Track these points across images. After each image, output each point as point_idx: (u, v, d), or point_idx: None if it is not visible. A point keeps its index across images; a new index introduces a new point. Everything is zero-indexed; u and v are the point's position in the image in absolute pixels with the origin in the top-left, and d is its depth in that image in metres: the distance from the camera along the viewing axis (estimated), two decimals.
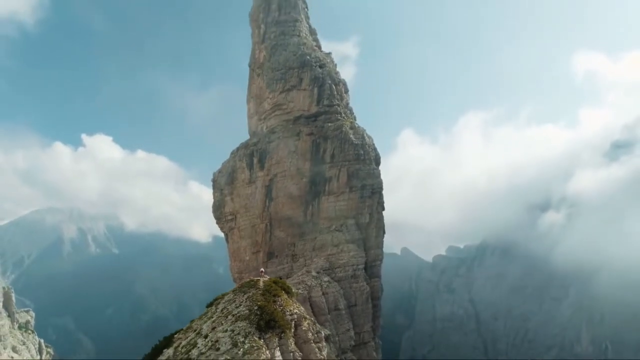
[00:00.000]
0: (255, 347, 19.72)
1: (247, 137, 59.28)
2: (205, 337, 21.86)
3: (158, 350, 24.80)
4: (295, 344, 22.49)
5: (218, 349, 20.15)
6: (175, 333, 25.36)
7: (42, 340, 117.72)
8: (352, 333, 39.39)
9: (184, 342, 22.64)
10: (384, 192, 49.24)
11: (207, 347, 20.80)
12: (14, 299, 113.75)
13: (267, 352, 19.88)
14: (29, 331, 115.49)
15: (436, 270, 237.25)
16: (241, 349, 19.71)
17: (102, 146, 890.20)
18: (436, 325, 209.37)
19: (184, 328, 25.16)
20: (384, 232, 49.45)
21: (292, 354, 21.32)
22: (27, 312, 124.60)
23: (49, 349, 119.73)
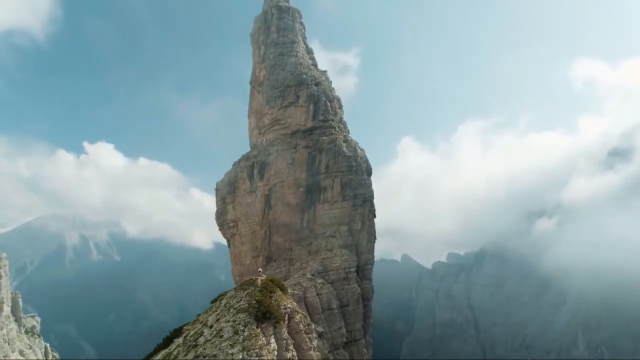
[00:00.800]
0: (253, 335, 23.23)
1: (247, 145, 63.67)
2: (211, 327, 25.41)
3: (169, 340, 28.40)
4: (288, 333, 25.94)
5: (222, 336, 23.71)
6: (184, 325, 28.93)
7: (47, 345, 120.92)
8: (343, 331, 42.78)
9: (192, 332, 26.19)
10: (384, 199, 53.13)
11: (212, 335, 24.38)
12: (20, 304, 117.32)
13: (264, 338, 23.42)
14: (35, 335, 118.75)
15: (436, 277, 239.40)
16: (241, 336, 23.24)
17: (104, 154, 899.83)
18: (436, 331, 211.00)
19: (192, 321, 28.73)
20: (375, 238, 53.13)
21: (284, 341, 24.78)
22: (32, 317, 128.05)
23: (54, 353, 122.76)
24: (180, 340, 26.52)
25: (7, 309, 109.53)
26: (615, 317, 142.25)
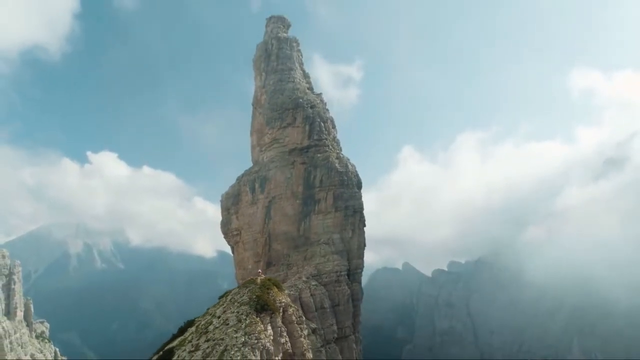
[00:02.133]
0: (253, 323, 28.85)
1: (248, 155, 70.30)
2: (219, 317, 31.04)
3: (183, 330, 33.96)
4: (283, 323, 31.38)
5: (228, 324, 29.35)
6: (196, 318, 34.46)
7: (57, 349, 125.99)
8: (335, 328, 48.10)
9: (203, 322, 31.78)
10: (386, 207, 58.45)
11: (220, 324, 30.03)
12: (32, 309, 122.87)
13: (262, 326, 29.01)
14: (45, 340, 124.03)
15: (435, 285, 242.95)
16: (244, 324, 28.89)
17: (108, 163, 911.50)
18: (435, 338, 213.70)
19: (203, 314, 34.26)
20: (364, 245, 58.69)
21: (279, 329, 30.27)
22: (42, 323, 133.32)
23: (63, 358, 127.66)
24: (193, 328, 32.11)
25: (20, 314, 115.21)
26: (608, 322, 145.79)
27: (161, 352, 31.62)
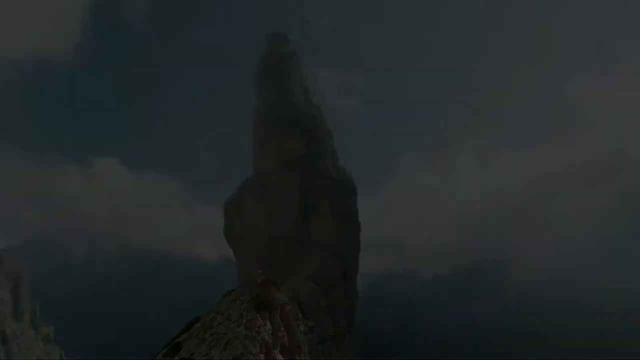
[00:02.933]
0: (254, 318, 32.05)
1: (248, 161, 73.79)
2: (222, 314, 34.26)
3: (190, 325, 37.19)
4: (280, 319, 34.54)
5: (230, 319, 32.57)
6: (200, 316, 37.72)
7: (62, 352, 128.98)
8: (331, 327, 51.19)
9: (208, 318, 35.01)
10: (386, 212, 61.35)
11: (223, 319, 33.26)
12: (38, 313, 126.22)
13: (261, 321, 32.22)
14: (51, 343, 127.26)
15: (435, 289, 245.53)
16: (245, 319, 32.10)
17: (110, 167, 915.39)
18: (434, 343, 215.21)
19: (207, 311, 37.50)
20: (359, 249, 62.07)
21: (277, 324, 33.44)
22: (47, 326, 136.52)
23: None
24: (199, 324, 35.32)
25: (26, 317, 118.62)
26: (606, 325, 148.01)
27: (170, 346, 34.83)
